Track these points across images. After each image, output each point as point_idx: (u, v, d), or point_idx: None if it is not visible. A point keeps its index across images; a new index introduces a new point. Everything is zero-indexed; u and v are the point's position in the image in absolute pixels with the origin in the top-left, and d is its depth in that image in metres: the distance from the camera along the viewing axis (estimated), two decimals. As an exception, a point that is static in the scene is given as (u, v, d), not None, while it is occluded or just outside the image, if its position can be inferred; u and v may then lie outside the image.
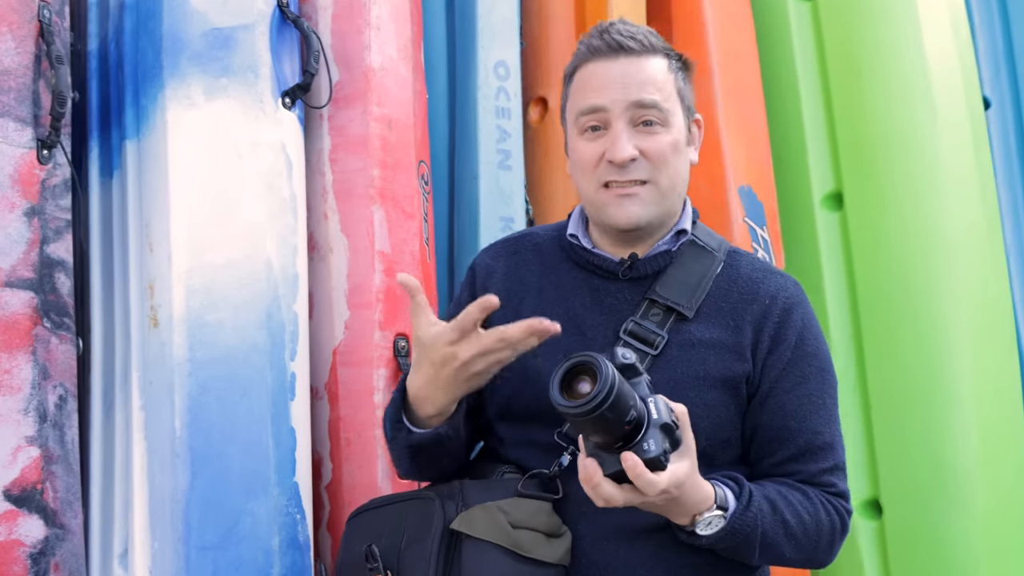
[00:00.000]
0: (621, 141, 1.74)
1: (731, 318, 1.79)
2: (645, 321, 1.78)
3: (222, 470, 2.01)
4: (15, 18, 2.02)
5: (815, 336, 1.83)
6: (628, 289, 1.82)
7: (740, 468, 1.80)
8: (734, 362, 1.77)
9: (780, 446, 1.77)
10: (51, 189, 2.06)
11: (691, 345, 1.77)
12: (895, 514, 2.68)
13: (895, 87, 2.82)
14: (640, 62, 1.77)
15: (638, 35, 1.78)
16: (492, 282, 1.91)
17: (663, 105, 1.76)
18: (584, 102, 1.78)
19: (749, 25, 2.96)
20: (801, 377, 1.78)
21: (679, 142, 1.79)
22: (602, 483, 1.53)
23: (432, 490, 1.80)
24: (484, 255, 1.99)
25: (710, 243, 1.87)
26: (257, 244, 2.11)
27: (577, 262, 1.87)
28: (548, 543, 1.69)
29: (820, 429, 1.78)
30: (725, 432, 1.77)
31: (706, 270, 1.83)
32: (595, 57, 1.79)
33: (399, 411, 1.79)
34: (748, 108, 2.87)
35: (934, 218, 2.73)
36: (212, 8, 2.17)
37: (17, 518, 1.93)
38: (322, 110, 2.33)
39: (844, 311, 2.82)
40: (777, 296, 1.81)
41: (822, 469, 1.77)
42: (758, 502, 1.67)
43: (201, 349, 2.04)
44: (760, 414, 1.78)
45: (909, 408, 2.68)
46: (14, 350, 1.96)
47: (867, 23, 2.89)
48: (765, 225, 2.78)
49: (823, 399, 1.80)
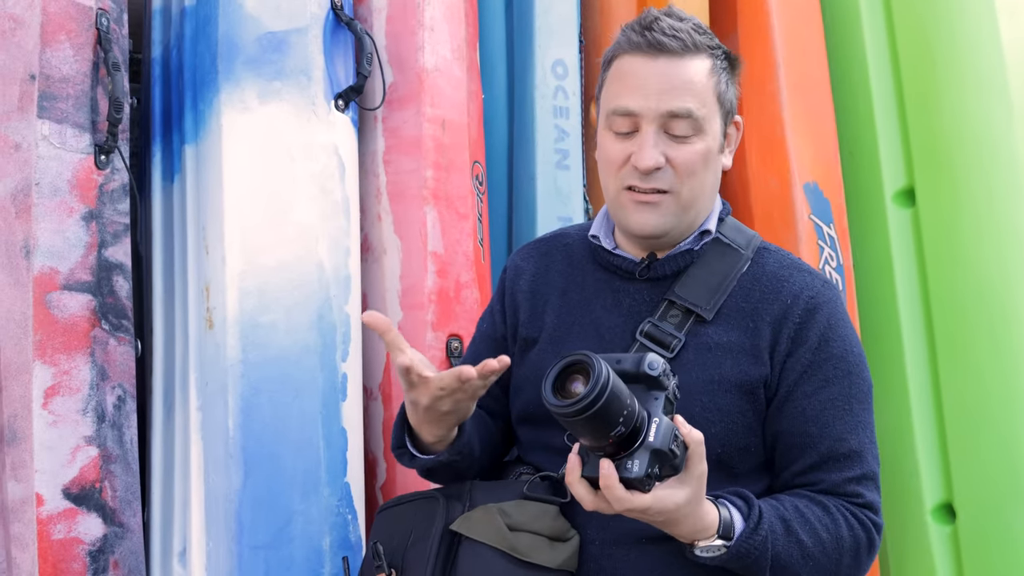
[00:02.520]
0: (647, 148, 1.67)
1: (751, 319, 1.71)
2: (662, 323, 1.72)
3: (274, 470, 2.04)
4: (73, 26, 2.07)
5: (843, 337, 1.72)
6: (647, 290, 1.77)
7: (762, 476, 1.73)
8: (750, 365, 1.69)
9: (801, 453, 1.68)
10: (109, 194, 2.10)
11: (708, 348, 1.70)
12: (969, 518, 2.60)
13: (970, 80, 2.74)
14: (680, 64, 1.68)
15: (681, 33, 1.68)
16: (520, 284, 1.88)
17: (697, 113, 1.68)
18: (617, 101, 1.71)
19: (817, 17, 2.89)
20: (824, 380, 1.69)
21: (711, 151, 1.71)
22: (576, 482, 1.49)
23: (442, 490, 1.77)
24: (516, 256, 1.95)
25: (737, 240, 1.79)
26: (309, 246, 2.13)
27: (600, 263, 1.83)
28: (550, 547, 1.64)
29: (845, 436, 1.67)
30: (742, 439, 1.68)
31: (730, 269, 1.75)
32: (634, 51, 1.70)
33: (402, 436, 1.77)
34: (815, 103, 2.81)
35: (1010, 215, 2.64)
36: (266, 12, 2.20)
37: (76, 516, 1.97)
38: (376, 112, 2.34)
39: (916, 311, 2.75)
40: (800, 295, 1.72)
41: (847, 478, 1.67)
42: (769, 523, 1.59)
43: (254, 350, 2.07)
44: (780, 420, 1.69)
45: (983, 411, 2.60)
46: (73, 352, 2.01)
47: (941, 13, 2.80)
48: (832, 223, 2.72)
49: (849, 404, 1.69)
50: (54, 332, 1.99)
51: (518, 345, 1.86)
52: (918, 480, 2.66)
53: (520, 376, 1.81)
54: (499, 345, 1.89)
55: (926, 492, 2.65)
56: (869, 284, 2.81)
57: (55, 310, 2.00)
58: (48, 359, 1.98)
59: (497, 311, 1.91)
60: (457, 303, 2.26)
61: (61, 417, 1.99)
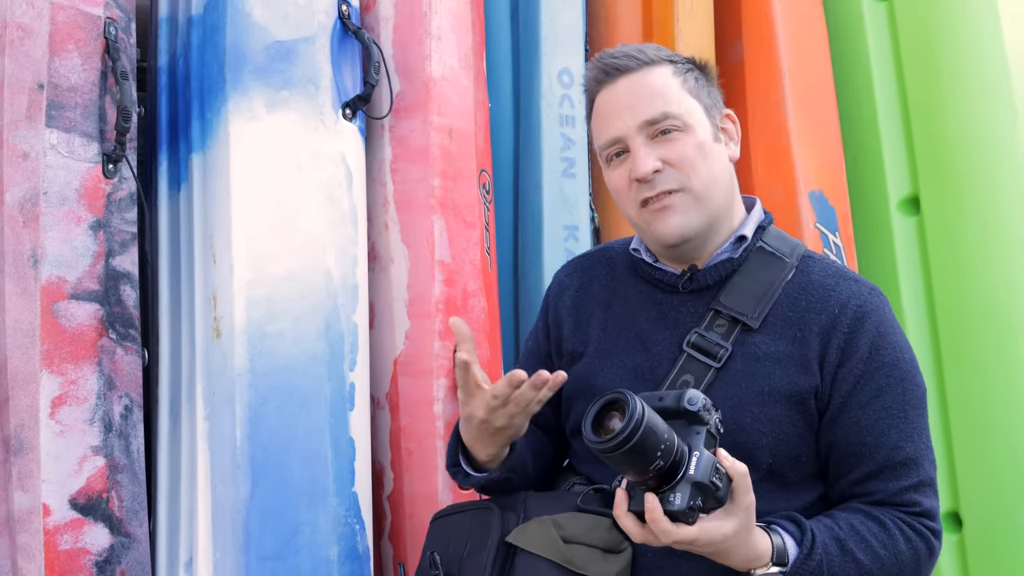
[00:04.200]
0: (640, 156, 1.72)
1: (798, 328, 1.71)
2: (709, 333, 1.72)
3: (281, 480, 2.03)
4: (81, 35, 2.07)
5: (893, 344, 1.72)
6: (692, 301, 1.78)
7: (815, 486, 1.73)
8: (800, 376, 1.69)
9: (857, 464, 1.68)
10: (117, 203, 2.10)
11: (756, 358, 1.70)
12: (976, 527, 2.60)
13: (974, 87, 2.74)
14: (641, 77, 1.75)
15: (632, 51, 1.76)
16: (563, 300, 1.91)
17: (673, 111, 1.72)
18: (602, 136, 1.78)
19: (821, 26, 2.90)
20: (877, 390, 1.69)
21: (704, 142, 1.74)
22: (623, 516, 1.53)
23: (497, 501, 1.79)
24: (561, 272, 1.99)
25: (781, 248, 1.79)
26: (317, 255, 2.13)
27: (643, 276, 1.84)
28: (604, 559, 1.65)
29: (900, 444, 1.68)
30: (792, 449, 1.69)
31: (774, 278, 1.75)
32: (599, 86, 1.78)
33: (456, 455, 1.82)
34: (820, 112, 2.81)
35: (1014, 223, 2.64)
36: (274, 22, 2.19)
37: (83, 526, 1.97)
38: (383, 120, 2.33)
39: (921, 318, 2.75)
40: (848, 304, 1.72)
41: (904, 487, 1.67)
42: (823, 545, 1.60)
43: (261, 360, 2.06)
44: (834, 430, 1.69)
45: (989, 418, 2.60)
46: (80, 361, 2.00)
47: (945, 22, 2.81)
48: (837, 231, 2.72)
49: (904, 411, 1.69)
50: (61, 341, 1.99)
51: (564, 360, 1.88)
52: (925, 489, 2.66)
53: (569, 390, 1.82)
54: (544, 363, 1.91)
55: (933, 501, 2.65)
56: (874, 292, 2.81)
57: (63, 319, 1.99)
58: (55, 369, 1.98)
59: (540, 328, 1.95)
60: (464, 312, 2.25)
61: (68, 427, 1.98)
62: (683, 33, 2.70)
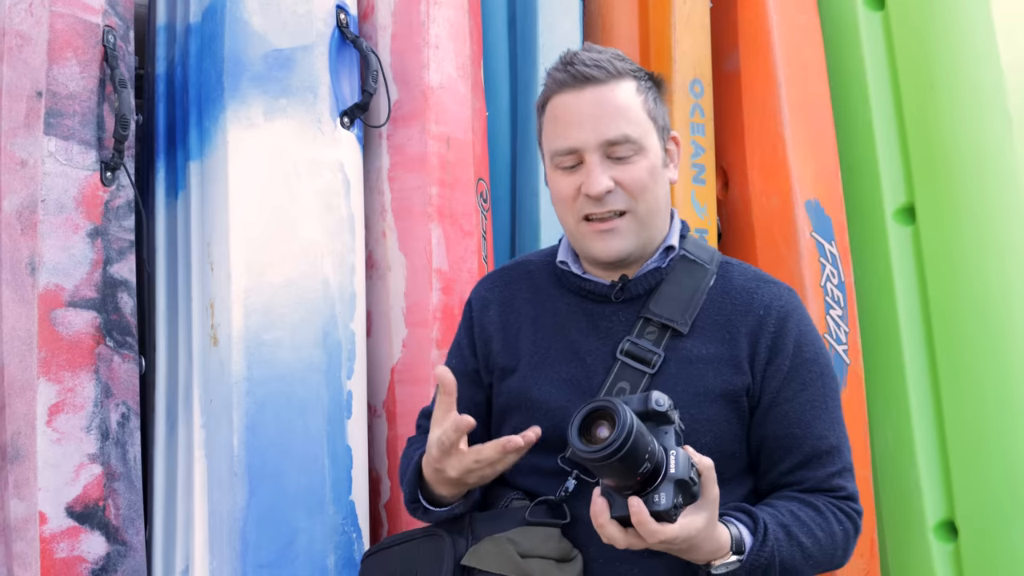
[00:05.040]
0: (595, 174, 1.72)
1: (726, 331, 1.78)
2: (641, 340, 1.77)
3: (278, 488, 2.03)
4: (80, 43, 2.07)
5: (812, 341, 1.81)
6: (622, 311, 1.81)
7: (745, 480, 1.79)
8: (733, 375, 1.75)
9: (787, 454, 1.76)
10: (114, 210, 2.10)
11: (689, 361, 1.76)
12: (971, 536, 2.60)
13: (969, 98, 2.74)
14: (607, 91, 1.74)
15: (602, 62, 1.75)
16: (488, 316, 1.91)
17: (634, 135, 1.73)
18: (557, 142, 1.77)
19: (817, 36, 2.90)
20: (802, 384, 1.77)
21: (655, 167, 1.76)
22: (607, 524, 1.53)
23: (442, 526, 1.80)
24: (479, 287, 1.98)
25: (701, 256, 1.85)
26: (314, 263, 2.13)
27: (570, 288, 1.86)
28: (559, 569, 1.68)
29: (825, 434, 1.77)
30: (729, 446, 1.75)
31: (698, 284, 1.81)
32: (562, 89, 1.76)
33: (415, 490, 1.80)
34: (816, 121, 2.81)
35: (1009, 232, 2.64)
36: (272, 30, 2.20)
37: (79, 535, 1.97)
38: (381, 129, 2.34)
39: (917, 327, 2.75)
40: (771, 305, 1.79)
41: (830, 473, 1.76)
42: (773, 533, 1.65)
43: (259, 368, 2.06)
44: (765, 424, 1.77)
45: (984, 427, 2.60)
46: (77, 369, 2.00)
47: (940, 32, 2.81)
48: (833, 240, 2.72)
49: (825, 403, 1.78)
50: (59, 349, 1.99)
51: (494, 375, 1.89)
52: (920, 497, 2.66)
53: (502, 404, 1.85)
54: (472, 379, 1.91)
55: (928, 509, 2.65)
56: (870, 301, 2.81)
57: (60, 327, 1.99)
58: (52, 376, 1.98)
59: (466, 345, 1.94)
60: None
61: (65, 435, 1.98)
62: (680, 43, 2.71)
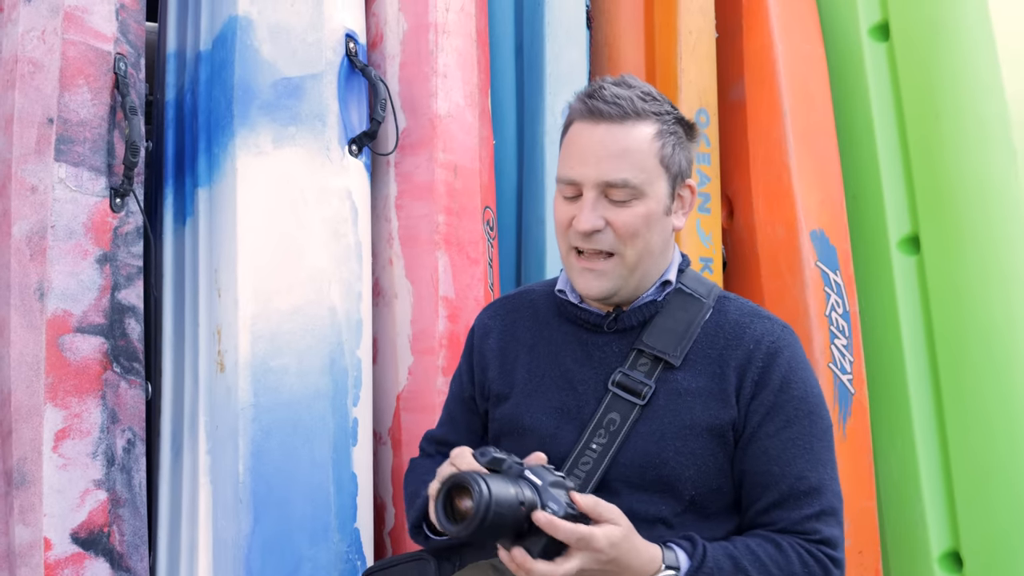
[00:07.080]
0: (586, 212, 1.73)
1: (717, 365, 1.77)
2: (633, 371, 1.77)
3: (284, 516, 2.03)
4: (92, 71, 2.08)
5: (802, 379, 1.78)
6: (616, 341, 1.82)
7: (733, 516, 1.77)
8: (720, 409, 1.74)
9: (764, 492, 1.73)
10: (123, 236, 2.11)
11: (678, 394, 1.75)
12: (976, 566, 2.59)
13: (973, 129, 2.75)
14: (619, 131, 1.73)
15: (622, 100, 1.73)
16: (488, 343, 1.92)
17: (634, 181, 1.72)
18: (563, 170, 1.77)
19: (822, 66, 2.92)
20: (786, 420, 1.74)
21: (653, 213, 1.75)
22: (535, 566, 1.51)
23: (431, 551, 1.82)
24: (483, 315, 1.99)
25: (699, 290, 1.85)
26: (321, 290, 2.13)
27: (567, 317, 1.87)
28: None
29: (805, 473, 1.72)
30: (713, 480, 1.74)
31: (693, 317, 1.81)
32: (580, 118, 1.76)
33: (420, 520, 1.81)
34: (821, 151, 2.83)
35: (1014, 262, 2.65)
36: (282, 58, 2.21)
37: (84, 561, 1.96)
38: (389, 157, 2.35)
39: (921, 357, 2.75)
40: (762, 340, 1.78)
41: (806, 515, 1.71)
42: (714, 560, 1.63)
43: (265, 394, 2.06)
44: (744, 459, 1.75)
45: (989, 457, 2.60)
46: (84, 394, 2.01)
47: (945, 62, 2.82)
48: (838, 269, 2.73)
49: (809, 442, 1.74)
50: (66, 375, 1.99)
51: (490, 401, 1.90)
52: (925, 528, 2.66)
53: (496, 430, 1.87)
54: (468, 405, 1.94)
55: (933, 540, 2.64)
56: (875, 330, 2.82)
57: (67, 353, 2.00)
58: (59, 402, 1.98)
59: (464, 371, 1.96)
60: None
61: (71, 460, 1.98)
62: (685, 72, 2.72)
